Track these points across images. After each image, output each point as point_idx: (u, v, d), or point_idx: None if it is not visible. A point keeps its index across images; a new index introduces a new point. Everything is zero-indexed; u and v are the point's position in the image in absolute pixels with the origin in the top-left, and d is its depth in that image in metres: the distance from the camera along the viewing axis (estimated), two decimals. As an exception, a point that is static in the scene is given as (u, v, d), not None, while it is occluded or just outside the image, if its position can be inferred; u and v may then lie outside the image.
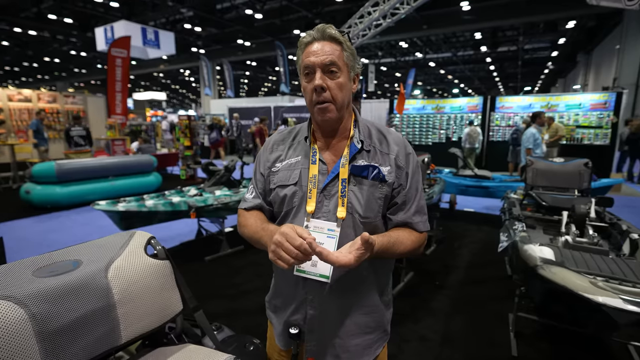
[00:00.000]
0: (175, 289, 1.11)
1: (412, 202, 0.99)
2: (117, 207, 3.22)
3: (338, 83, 0.92)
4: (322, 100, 0.92)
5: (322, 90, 0.91)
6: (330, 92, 0.92)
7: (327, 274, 0.92)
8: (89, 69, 27.80)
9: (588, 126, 8.50)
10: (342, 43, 0.94)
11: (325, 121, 0.96)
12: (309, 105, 0.96)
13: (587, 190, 3.27)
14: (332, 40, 0.93)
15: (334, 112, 0.94)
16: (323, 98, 0.92)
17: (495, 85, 37.12)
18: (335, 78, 0.92)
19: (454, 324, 2.60)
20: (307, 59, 0.92)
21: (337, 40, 0.93)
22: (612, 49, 18.84)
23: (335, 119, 0.96)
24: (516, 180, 5.05)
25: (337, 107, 0.94)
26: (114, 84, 9.02)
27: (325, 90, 0.91)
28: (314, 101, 0.94)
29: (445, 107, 10.58)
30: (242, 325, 2.57)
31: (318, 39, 0.93)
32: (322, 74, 0.91)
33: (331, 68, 0.91)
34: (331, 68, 0.91)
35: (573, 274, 1.62)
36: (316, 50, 0.92)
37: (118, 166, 6.73)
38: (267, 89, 40.62)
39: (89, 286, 0.91)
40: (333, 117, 0.95)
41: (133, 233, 1.14)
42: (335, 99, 0.93)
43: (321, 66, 0.91)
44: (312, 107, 0.96)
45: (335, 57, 0.91)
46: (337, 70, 0.92)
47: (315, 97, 0.93)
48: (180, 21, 17.87)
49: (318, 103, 0.93)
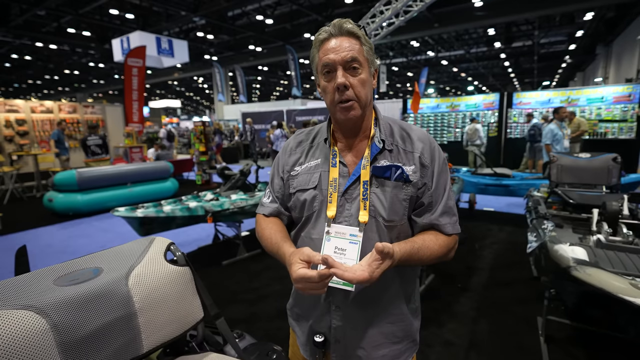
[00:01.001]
0: (195, 296, 1.08)
1: (439, 203, 0.93)
2: (136, 213, 3.26)
3: (361, 80, 0.88)
4: (346, 99, 0.88)
5: (345, 89, 0.87)
6: (354, 90, 0.87)
7: None
8: (107, 79, 28.63)
9: (611, 120, 8.18)
10: (360, 37, 0.89)
11: (348, 119, 0.91)
12: (331, 105, 0.92)
13: (616, 187, 3.12)
14: (350, 35, 0.88)
15: (357, 110, 0.89)
16: (347, 97, 0.87)
17: (511, 82, 36.28)
18: (357, 74, 0.88)
19: (480, 328, 2.51)
20: (326, 57, 0.87)
21: (355, 35, 0.89)
22: (634, 39, 18.13)
23: (358, 117, 0.91)
24: (538, 177, 4.88)
25: (361, 105, 0.90)
26: (130, 93, 9.23)
27: (348, 88, 0.87)
28: (336, 100, 0.89)
29: (460, 105, 10.38)
30: (262, 331, 2.54)
31: (335, 35, 0.88)
32: (344, 71, 0.87)
33: (353, 64, 0.87)
34: (353, 64, 0.87)
35: (610, 275, 1.53)
36: (335, 47, 0.87)
37: (136, 173, 6.85)
38: (279, 93, 40.92)
39: (110, 294, 0.90)
40: (357, 115, 0.90)
41: (152, 239, 1.13)
42: (359, 96, 0.88)
43: (342, 63, 0.86)
44: (333, 107, 0.91)
45: (356, 52, 0.87)
46: (359, 66, 0.87)
47: (338, 97, 0.88)
48: (193, 30, 18.22)
49: (341, 102, 0.88)
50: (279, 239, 0.95)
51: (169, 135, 11.48)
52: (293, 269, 0.80)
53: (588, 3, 15.00)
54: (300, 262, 0.80)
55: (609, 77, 22.36)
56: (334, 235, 0.90)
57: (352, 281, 0.75)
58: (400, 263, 0.82)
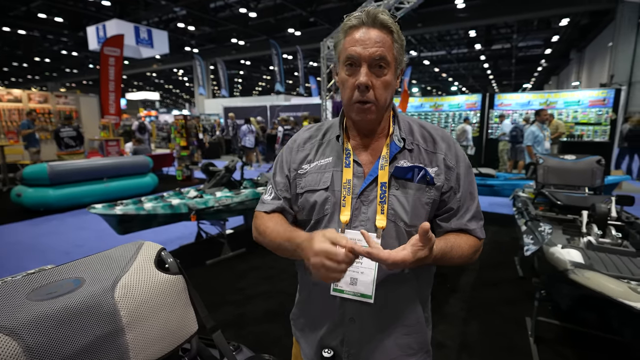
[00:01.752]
0: (189, 307, 0.98)
1: (467, 207, 0.88)
2: (115, 210, 3.08)
3: (384, 82, 0.80)
4: (365, 101, 0.80)
5: (366, 90, 0.79)
6: (374, 92, 0.80)
7: (369, 293, 0.81)
8: (81, 68, 27.38)
9: (587, 123, 8.48)
10: (393, 32, 0.80)
11: (363, 122, 0.84)
12: (347, 101, 0.83)
13: (599, 188, 3.19)
14: (384, 28, 0.79)
15: (374, 114, 0.82)
16: (366, 98, 0.80)
17: (490, 83, 37.27)
18: (382, 75, 0.79)
19: (470, 329, 2.50)
20: (352, 49, 0.78)
21: (389, 29, 0.80)
22: (605, 46, 18.96)
23: (374, 120, 0.84)
24: (521, 178, 4.98)
25: (379, 109, 0.82)
26: (107, 83, 8.80)
27: (370, 89, 0.79)
28: (354, 99, 0.81)
29: (443, 105, 10.51)
30: (251, 335, 2.45)
31: (367, 25, 0.79)
32: (369, 69, 0.78)
33: (380, 63, 0.78)
34: (380, 63, 0.78)
35: (608, 278, 1.53)
36: (364, 39, 0.78)
37: (113, 167, 6.54)
38: (261, 88, 40.39)
39: (93, 309, 0.79)
40: (373, 118, 0.83)
41: (141, 244, 1.02)
42: (378, 99, 0.80)
43: (368, 60, 0.78)
44: (349, 105, 0.83)
45: (386, 50, 0.78)
46: (386, 66, 0.79)
47: (357, 95, 0.80)
48: (173, 20, 17.65)
49: (359, 102, 0.80)
50: (287, 229, 0.85)
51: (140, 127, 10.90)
52: (315, 242, 0.68)
53: (564, 9, 15.56)
54: (325, 238, 0.68)
55: (581, 81, 23.34)
56: None
57: (388, 260, 0.67)
58: (434, 261, 0.76)
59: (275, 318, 2.63)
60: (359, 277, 0.82)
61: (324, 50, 8.60)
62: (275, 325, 2.53)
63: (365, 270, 0.81)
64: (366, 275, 0.81)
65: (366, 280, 0.81)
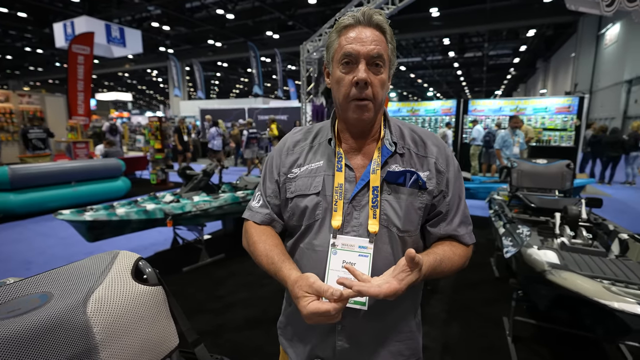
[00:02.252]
0: (169, 320, 0.93)
1: (456, 212, 0.87)
2: (84, 216, 2.91)
3: (381, 80, 0.79)
4: (364, 97, 0.78)
5: (365, 86, 0.77)
6: (373, 89, 0.79)
7: (362, 300, 0.78)
8: (47, 66, 26.09)
9: (554, 129, 8.91)
10: (387, 33, 0.81)
11: (360, 120, 0.82)
12: (343, 99, 0.81)
13: (569, 191, 3.34)
14: (378, 28, 0.79)
15: (371, 112, 0.81)
16: (365, 95, 0.78)
17: (463, 90, 38.60)
18: (379, 73, 0.79)
19: (451, 331, 2.53)
20: (350, 46, 0.78)
21: (383, 30, 0.80)
22: (568, 57, 20.13)
23: (371, 119, 0.83)
24: (495, 181, 5.15)
25: (376, 107, 0.81)
26: (75, 83, 8.42)
27: (369, 86, 0.78)
28: (351, 96, 0.79)
29: (420, 109, 10.75)
30: (230, 343, 2.37)
31: (363, 24, 0.79)
32: (367, 66, 0.78)
33: (377, 61, 0.78)
34: (377, 61, 0.78)
35: (584, 279, 1.58)
36: (362, 38, 0.77)
37: (82, 171, 6.23)
38: (239, 91, 39.93)
39: (63, 326, 0.72)
40: (370, 117, 0.82)
41: (116, 254, 0.95)
42: (376, 97, 0.80)
43: (367, 57, 0.77)
44: (346, 103, 0.81)
45: (382, 48, 0.78)
46: (382, 64, 0.79)
47: (355, 92, 0.79)
48: (148, 19, 17.15)
49: (357, 99, 0.79)
50: (276, 258, 0.83)
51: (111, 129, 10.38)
52: (302, 304, 0.72)
53: (531, 21, 16.40)
54: (308, 296, 0.71)
55: (547, 89, 24.61)
56: (341, 247, 0.81)
57: (379, 295, 0.67)
58: (424, 277, 0.75)
59: (256, 326, 2.56)
60: None
61: (304, 53, 8.61)
62: (256, 334, 2.46)
63: None
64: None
65: None
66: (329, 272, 0.81)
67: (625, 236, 2.30)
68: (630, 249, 2.22)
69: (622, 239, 2.30)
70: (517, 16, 15.54)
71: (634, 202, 6.67)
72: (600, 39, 16.86)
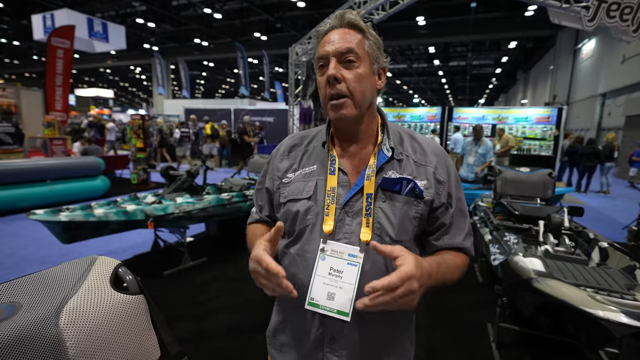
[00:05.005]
0: (151, 331, 0.87)
1: (460, 224, 0.86)
2: (59, 216, 2.77)
3: (356, 74, 0.77)
4: (337, 94, 0.77)
5: (335, 82, 0.76)
6: (347, 84, 0.76)
7: (346, 311, 0.75)
8: (23, 59, 25.11)
9: (534, 138, 9.18)
10: (363, 30, 0.80)
11: (340, 119, 0.80)
12: (323, 101, 0.81)
13: (550, 199, 3.42)
14: (352, 27, 0.79)
15: (350, 108, 0.78)
16: (337, 91, 0.76)
17: (447, 97, 39.44)
18: (352, 68, 0.77)
19: (436, 337, 2.53)
20: (322, 49, 0.78)
21: (357, 27, 0.79)
22: (547, 69, 20.88)
23: (352, 117, 0.79)
24: (479, 188, 5.23)
25: (356, 103, 0.78)
26: (53, 77, 8.11)
27: (340, 81, 0.76)
28: (327, 95, 0.78)
29: (406, 115, 10.88)
30: (212, 350, 2.29)
31: (336, 27, 0.79)
32: (337, 63, 0.77)
33: (348, 57, 0.76)
34: (348, 57, 0.76)
35: (569, 287, 1.60)
36: (332, 39, 0.78)
37: (57, 168, 5.97)
38: (224, 91, 39.52)
39: (32, 340, 0.65)
40: (350, 115, 0.79)
41: (93, 259, 0.88)
42: (352, 92, 0.77)
43: (336, 54, 0.76)
44: (325, 104, 0.81)
45: (354, 44, 0.77)
46: (355, 59, 0.77)
47: (328, 90, 0.77)
48: (132, 15, 16.78)
49: (332, 98, 0.77)
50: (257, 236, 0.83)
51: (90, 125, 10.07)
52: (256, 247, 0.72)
53: (512, 33, 16.96)
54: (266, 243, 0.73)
55: (527, 99, 25.42)
56: (330, 253, 0.78)
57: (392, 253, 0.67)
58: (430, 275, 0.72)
59: (239, 333, 2.49)
60: (337, 292, 0.76)
61: (293, 55, 8.58)
62: (239, 341, 2.39)
63: (345, 286, 0.75)
64: (345, 291, 0.76)
65: (344, 296, 0.75)
66: (315, 278, 0.77)
67: (605, 244, 2.36)
68: (610, 257, 2.27)
69: (602, 247, 2.36)
70: (500, 28, 16.05)
71: (608, 211, 6.92)
72: (577, 53, 17.56)
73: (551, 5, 5.18)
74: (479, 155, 5.72)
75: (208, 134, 10.95)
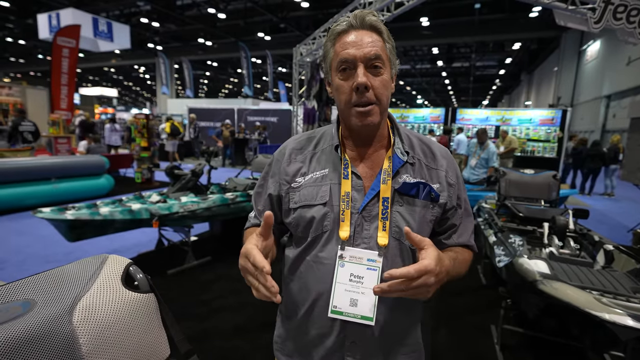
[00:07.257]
0: (161, 330, 0.87)
1: (467, 224, 0.89)
2: (65, 215, 2.79)
3: (383, 81, 0.77)
4: (366, 102, 0.76)
5: (365, 90, 0.75)
6: (375, 92, 0.76)
7: (370, 315, 0.75)
8: (28, 58, 25.28)
9: (538, 140, 9.15)
10: (383, 33, 0.79)
11: (365, 126, 0.79)
12: (345, 107, 0.79)
13: (555, 201, 3.41)
14: (373, 29, 0.77)
15: (377, 116, 0.78)
16: (367, 99, 0.76)
17: (450, 98, 39.33)
18: (379, 75, 0.76)
19: (440, 338, 2.53)
20: (345, 52, 0.75)
21: (378, 30, 0.78)
22: (551, 70, 20.80)
23: (377, 124, 0.80)
24: (482, 189, 5.22)
25: (381, 110, 0.78)
26: (59, 76, 8.16)
27: (369, 89, 0.75)
28: (353, 102, 0.77)
29: (409, 116, 10.87)
30: (216, 350, 2.30)
31: (356, 28, 0.77)
32: (365, 69, 0.75)
33: (375, 62, 0.75)
34: (375, 62, 0.75)
35: (574, 289, 1.60)
36: (356, 41, 0.75)
37: (63, 167, 6.01)
38: (227, 91, 39.61)
39: (46, 337, 0.67)
40: (375, 122, 0.79)
41: (105, 258, 0.89)
42: (379, 99, 0.77)
43: (364, 60, 0.75)
44: (348, 110, 0.79)
45: (379, 49, 0.76)
46: (382, 65, 0.76)
47: (356, 98, 0.76)
48: (136, 15, 16.86)
49: (359, 105, 0.76)
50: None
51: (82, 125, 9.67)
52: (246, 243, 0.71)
53: (516, 34, 16.89)
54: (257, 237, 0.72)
55: (531, 101, 25.30)
56: (349, 260, 0.78)
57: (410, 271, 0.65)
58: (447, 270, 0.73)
59: (244, 333, 2.49)
60: (359, 297, 0.76)
61: (297, 56, 8.59)
62: (243, 341, 2.40)
63: (367, 291, 0.76)
64: (367, 296, 0.76)
65: (367, 302, 0.76)
66: (336, 285, 0.77)
67: (610, 247, 2.35)
68: (615, 259, 2.27)
69: (608, 249, 2.35)
70: (504, 29, 16.00)
71: (613, 213, 6.89)
72: (582, 54, 17.48)
73: (557, 7, 5.16)
74: (481, 159, 5.72)
75: (168, 132, 11.06)
